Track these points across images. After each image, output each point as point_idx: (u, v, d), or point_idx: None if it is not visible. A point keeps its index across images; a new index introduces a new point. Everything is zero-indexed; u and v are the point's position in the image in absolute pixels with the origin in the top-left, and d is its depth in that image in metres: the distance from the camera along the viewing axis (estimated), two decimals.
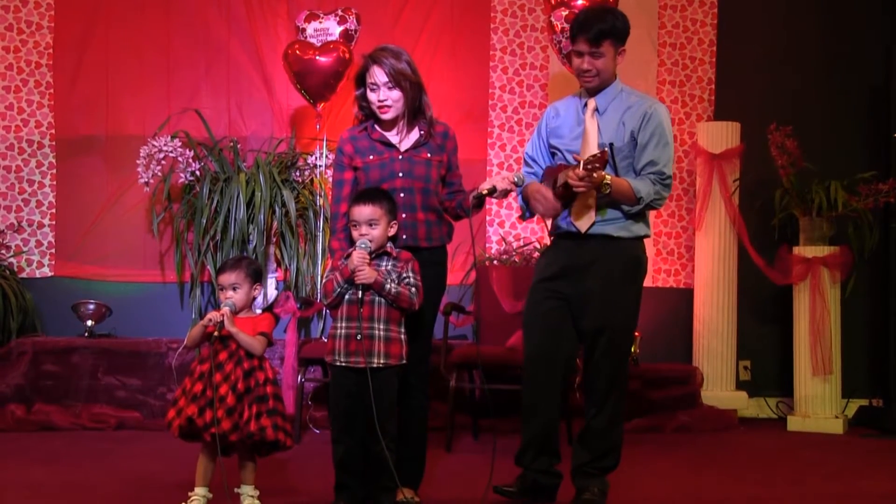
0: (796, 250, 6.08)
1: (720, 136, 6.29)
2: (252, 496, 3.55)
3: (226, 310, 3.48)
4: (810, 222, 6.09)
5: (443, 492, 4.03)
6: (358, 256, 3.51)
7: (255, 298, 3.64)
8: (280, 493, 3.93)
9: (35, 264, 6.31)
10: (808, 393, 6.02)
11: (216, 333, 3.45)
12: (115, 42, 6.37)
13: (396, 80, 3.69)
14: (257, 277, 3.62)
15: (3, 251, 6.10)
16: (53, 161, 6.35)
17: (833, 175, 6.09)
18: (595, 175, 3.50)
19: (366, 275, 3.50)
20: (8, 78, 6.31)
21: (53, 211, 6.34)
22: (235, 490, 3.55)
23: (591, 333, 3.74)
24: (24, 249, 6.28)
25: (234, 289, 3.55)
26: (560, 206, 3.70)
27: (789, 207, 6.19)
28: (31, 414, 5.61)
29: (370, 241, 3.55)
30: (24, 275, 6.24)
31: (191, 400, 3.43)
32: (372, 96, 3.73)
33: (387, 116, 3.74)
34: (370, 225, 3.55)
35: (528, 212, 3.93)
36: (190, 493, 3.53)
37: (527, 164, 3.98)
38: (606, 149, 3.57)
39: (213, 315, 3.47)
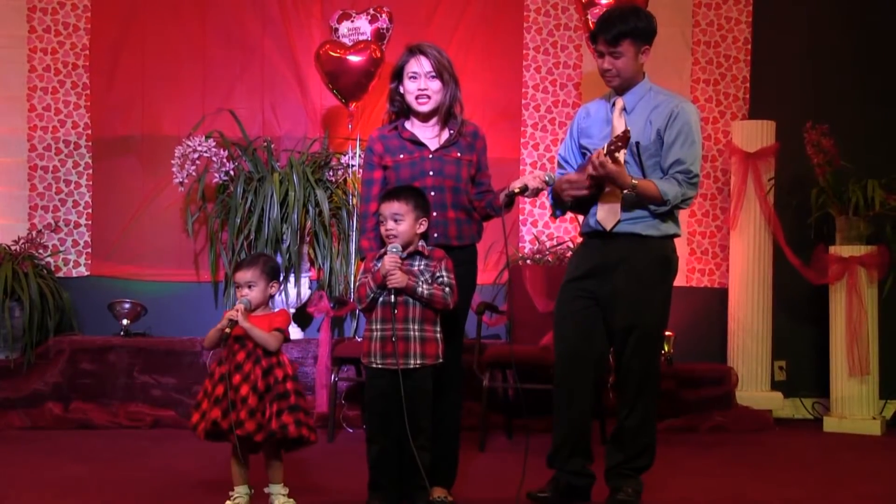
0: (832, 250, 6.02)
1: (755, 134, 6.25)
2: (283, 494, 3.55)
3: (240, 306, 3.48)
4: (847, 221, 6.03)
5: (476, 491, 4.02)
6: (390, 261, 3.51)
7: (272, 296, 3.61)
8: (313, 492, 3.95)
9: (72, 264, 6.37)
10: (844, 394, 5.96)
11: (228, 330, 3.44)
12: (150, 43, 6.42)
13: (439, 71, 3.70)
14: (274, 275, 3.59)
15: (41, 251, 6.14)
16: (90, 161, 6.41)
17: (870, 174, 6.02)
18: (617, 155, 3.49)
19: (398, 279, 3.50)
20: (45, 79, 6.37)
21: (90, 211, 6.40)
22: (265, 490, 3.56)
23: (620, 333, 3.73)
24: (61, 249, 6.35)
25: (250, 286, 3.54)
26: (590, 183, 3.64)
27: (825, 206, 6.12)
28: (69, 412, 5.68)
29: (397, 238, 3.54)
30: (60, 274, 6.29)
31: (213, 403, 3.44)
32: (411, 86, 3.72)
33: (425, 108, 3.72)
34: (395, 220, 3.55)
35: (558, 210, 3.93)
36: (231, 493, 3.54)
37: (560, 165, 3.98)
38: (629, 128, 3.56)
39: (230, 313, 3.47)
